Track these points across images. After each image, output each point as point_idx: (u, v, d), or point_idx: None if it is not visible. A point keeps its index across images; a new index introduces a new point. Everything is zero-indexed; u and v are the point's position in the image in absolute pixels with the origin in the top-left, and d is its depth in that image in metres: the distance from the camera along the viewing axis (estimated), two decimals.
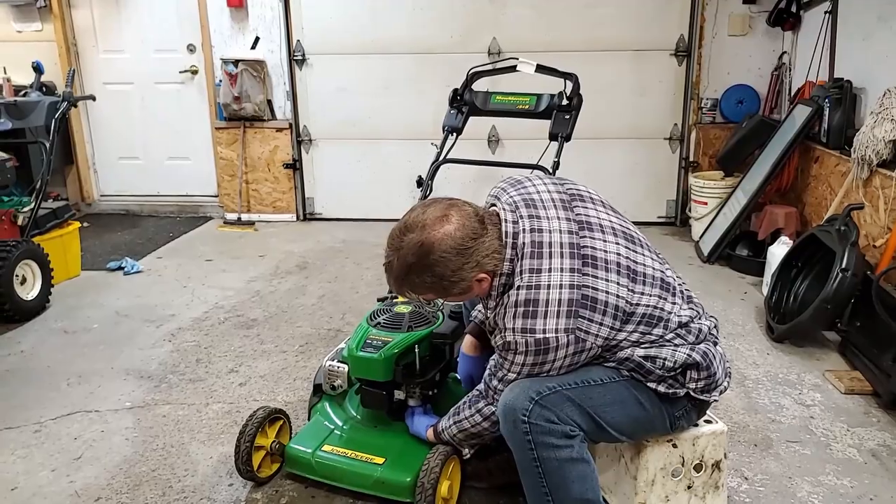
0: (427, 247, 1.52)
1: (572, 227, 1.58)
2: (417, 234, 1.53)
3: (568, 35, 4.82)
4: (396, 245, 1.56)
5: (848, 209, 3.00)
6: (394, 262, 1.57)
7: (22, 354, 3.06)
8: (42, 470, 2.22)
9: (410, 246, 1.53)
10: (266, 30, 5.05)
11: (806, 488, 2.10)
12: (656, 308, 1.58)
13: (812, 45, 4.11)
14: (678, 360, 1.58)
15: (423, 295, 1.62)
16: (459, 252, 1.52)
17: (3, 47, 5.29)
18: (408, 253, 1.53)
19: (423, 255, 1.52)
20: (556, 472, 1.50)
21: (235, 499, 2.06)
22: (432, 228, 1.52)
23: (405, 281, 1.58)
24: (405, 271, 1.55)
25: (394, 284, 1.62)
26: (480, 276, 1.56)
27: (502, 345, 1.55)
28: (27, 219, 3.60)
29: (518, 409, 1.50)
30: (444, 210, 1.56)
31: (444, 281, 1.55)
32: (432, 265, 1.52)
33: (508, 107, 2.90)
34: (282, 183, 5.30)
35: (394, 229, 1.59)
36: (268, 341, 3.16)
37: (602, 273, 1.53)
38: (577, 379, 1.56)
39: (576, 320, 1.48)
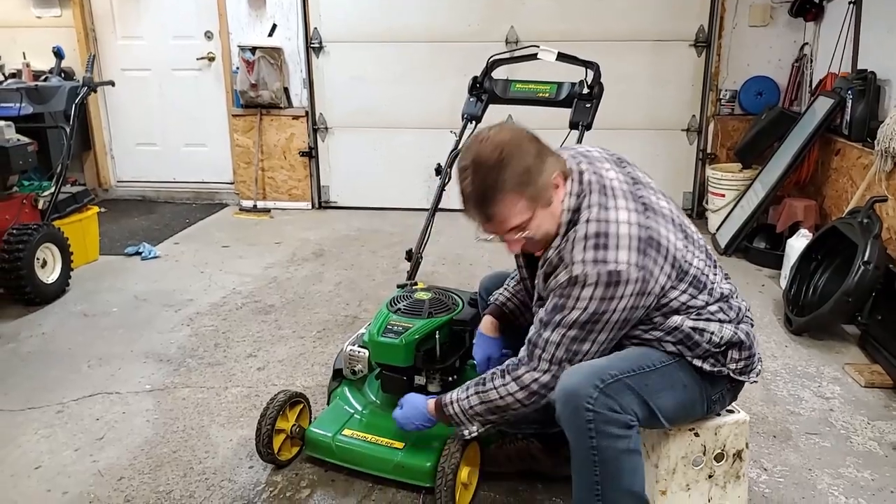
0: (501, 142, 1.48)
1: (628, 180, 1.61)
2: (488, 142, 1.50)
3: (586, 25, 4.78)
4: (471, 161, 1.51)
5: (871, 201, 2.97)
6: (475, 176, 1.50)
7: (43, 337, 3.10)
8: (65, 449, 2.25)
9: (484, 150, 1.49)
10: (283, 17, 5.05)
11: (826, 480, 2.09)
12: (703, 273, 1.58)
13: (835, 36, 4.06)
14: (724, 336, 1.59)
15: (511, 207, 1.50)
16: (531, 140, 1.51)
17: (23, 33, 5.31)
18: (485, 157, 1.48)
19: (499, 148, 1.47)
20: (612, 462, 1.47)
21: (256, 481, 2.08)
22: (498, 133, 1.51)
23: (492, 189, 1.48)
24: (491, 173, 1.47)
25: (478, 202, 1.52)
26: (556, 175, 1.53)
27: (567, 280, 1.49)
28: (48, 203, 3.63)
29: (582, 395, 1.46)
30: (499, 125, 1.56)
31: (530, 173, 1.48)
32: (513, 156, 1.47)
33: (529, 95, 2.88)
34: (297, 171, 5.31)
35: (460, 158, 1.56)
36: (285, 327, 3.18)
37: (662, 221, 1.54)
38: (634, 365, 1.54)
39: (645, 258, 1.47)
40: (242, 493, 2.02)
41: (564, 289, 1.51)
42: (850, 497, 2.01)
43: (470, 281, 3.70)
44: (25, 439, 2.31)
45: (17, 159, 3.44)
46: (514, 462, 2.06)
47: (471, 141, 1.55)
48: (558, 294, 1.53)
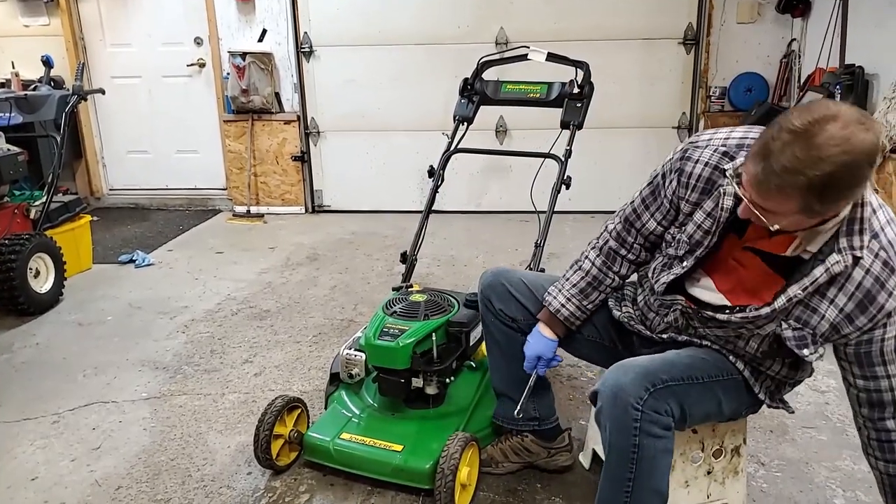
0: (850, 143, 1.19)
1: None
2: (843, 134, 1.19)
3: (576, 24, 4.80)
4: (809, 133, 1.21)
5: None
6: (798, 152, 1.21)
7: (37, 346, 3.08)
8: (62, 460, 2.24)
9: (829, 135, 1.19)
10: (273, 22, 5.05)
11: (823, 473, 2.10)
12: None
13: (822, 31, 4.09)
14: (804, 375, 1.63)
15: (784, 204, 1.27)
16: (871, 163, 1.22)
17: (11, 42, 5.30)
18: (828, 155, 1.19)
19: (845, 165, 1.19)
20: (649, 461, 1.46)
21: (255, 487, 2.07)
22: (858, 131, 1.20)
23: (794, 175, 1.22)
24: (807, 163, 1.20)
25: (774, 175, 1.24)
26: (848, 205, 1.32)
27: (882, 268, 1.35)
28: (39, 212, 3.61)
29: (633, 394, 1.43)
30: (863, 113, 1.25)
31: (837, 194, 1.25)
32: (843, 165, 1.20)
33: (519, 95, 2.89)
34: (290, 175, 5.31)
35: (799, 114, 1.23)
36: (281, 332, 3.17)
37: None
38: (683, 375, 1.51)
39: None
40: (241, 500, 2.02)
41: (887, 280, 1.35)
42: (848, 490, 2.02)
43: (465, 282, 3.71)
44: (21, 450, 2.30)
45: (8, 169, 3.42)
46: (511, 457, 2.07)
47: (830, 107, 1.23)
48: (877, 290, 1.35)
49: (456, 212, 5.12)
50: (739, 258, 1.53)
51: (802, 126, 1.21)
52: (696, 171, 1.52)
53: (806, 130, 1.21)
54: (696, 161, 1.52)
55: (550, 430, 2.05)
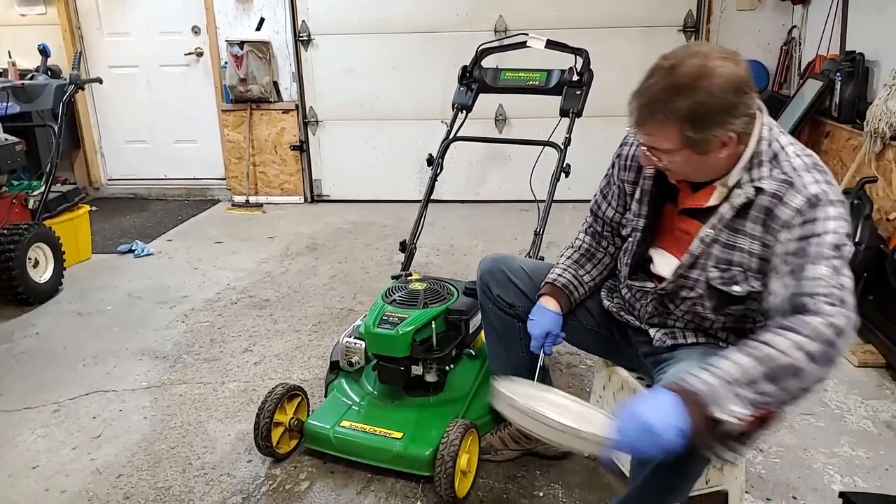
0: (710, 70, 1.34)
1: None
2: (699, 59, 1.35)
3: (575, 12, 4.77)
4: (666, 65, 1.38)
5: (861, 182, 2.98)
6: (657, 81, 1.38)
7: (37, 336, 3.09)
8: (63, 448, 2.25)
9: (690, 66, 1.35)
10: (271, 10, 5.02)
11: (821, 460, 2.11)
12: None
13: (823, 18, 4.07)
14: None
15: (664, 132, 1.39)
16: (737, 91, 1.35)
17: (7, 31, 5.26)
18: (684, 72, 1.35)
19: (700, 76, 1.34)
20: (692, 478, 1.45)
21: (255, 475, 2.08)
22: (717, 59, 1.35)
23: (665, 104, 1.36)
24: (670, 91, 1.35)
25: (645, 106, 1.40)
26: (731, 136, 1.38)
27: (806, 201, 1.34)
28: (38, 202, 3.61)
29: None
30: (729, 50, 1.39)
31: (707, 118, 1.35)
32: (706, 90, 1.33)
33: (518, 83, 2.88)
34: (289, 165, 5.29)
35: (663, 56, 1.40)
36: (281, 321, 3.18)
37: None
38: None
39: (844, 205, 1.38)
40: (242, 488, 2.03)
41: (806, 213, 1.34)
42: (846, 476, 2.03)
43: (464, 270, 3.71)
44: (22, 439, 2.31)
45: (6, 159, 3.42)
46: (511, 445, 2.08)
47: (694, 45, 1.42)
48: (801, 222, 1.35)
49: (455, 201, 5.12)
50: (681, 225, 1.60)
51: (667, 63, 1.38)
52: (629, 153, 1.72)
53: (671, 66, 1.37)
54: (630, 144, 1.73)
55: None
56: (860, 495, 1.86)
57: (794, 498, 1.95)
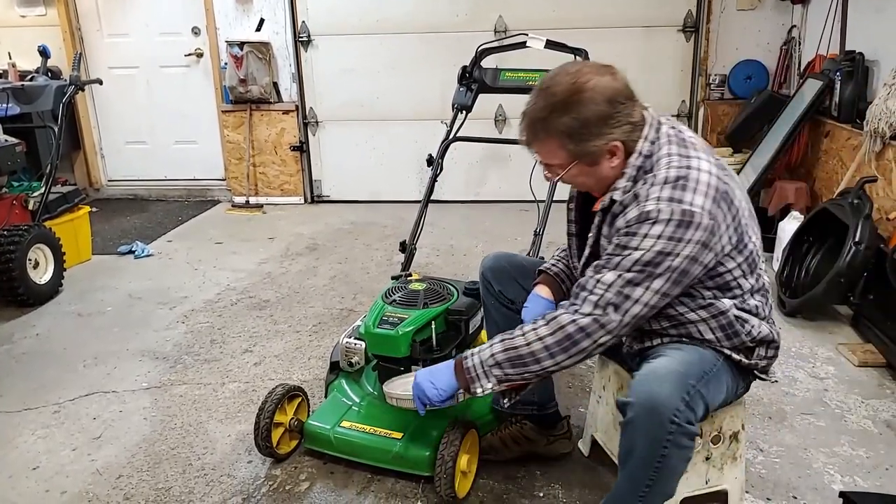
0: (580, 85, 1.44)
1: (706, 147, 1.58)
2: (571, 77, 1.46)
3: (575, 12, 4.78)
4: (544, 87, 1.49)
5: (861, 182, 2.98)
6: (537, 102, 1.49)
7: (38, 337, 3.09)
8: (63, 449, 2.25)
9: (561, 84, 1.46)
10: (271, 11, 5.02)
11: (821, 459, 2.11)
12: (757, 255, 1.57)
13: (822, 18, 4.07)
14: (762, 332, 1.59)
15: (553, 147, 1.50)
16: (610, 102, 1.45)
17: (7, 32, 5.27)
18: (557, 90, 1.46)
19: (573, 92, 1.44)
20: (672, 469, 1.45)
21: (255, 475, 2.08)
22: (589, 73, 1.46)
23: (544, 122, 1.48)
24: (548, 110, 1.47)
25: (528, 128, 1.52)
26: (616, 144, 1.48)
27: (637, 216, 1.44)
28: (38, 203, 3.61)
29: (670, 407, 1.39)
30: (604, 65, 1.50)
31: (584, 129, 1.45)
32: (579, 104, 1.44)
33: (518, 83, 2.88)
34: (289, 165, 5.29)
35: (542, 79, 1.52)
36: (281, 321, 3.18)
37: (736, 184, 1.52)
38: (701, 370, 1.50)
39: (718, 208, 1.44)
40: (242, 488, 2.03)
41: (632, 226, 1.45)
42: (846, 475, 2.03)
43: (464, 271, 3.71)
44: (22, 440, 2.31)
45: (6, 160, 3.42)
46: (511, 446, 2.08)
47: (561, 68, 1.51)
48: (624, 233, 1.47)
49: (455, 201, 5.12)
50: None
51: (544, 84, 1.49)
52: None
53: (546, 87, 1.48)
54: None
55: (549, 417, 2.06)
56: (860, 495, 1.87)
57: (795, 498, 1.95)
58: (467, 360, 1.62)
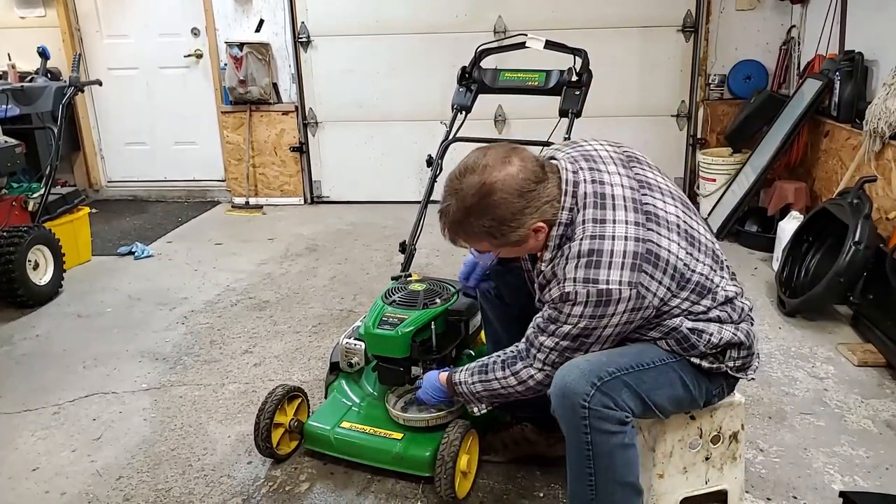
0: (488, 187, 1.46)
1: (633, 185, 1.55)
2: (478, 176, 1.48)
3: (574, 13, 4.77)
4: (455, 187, 1.51)
5: (861, 182, 2.98)
6: (451, 205, 1.51)
7: (37, 339, 3.09)
8: (63, 450, 2.25)
9: (470, 186, 1.48)
10: (270, 12, 5.02)
11: (821, 459, 2.11)
12: (707, 278, 1.55)
13: (822, 18, 4.07)
14: (724, 337, 1.57)
15: (478, 244, 1.58)
16: (521, 194, 1.47)
17: (7, 34, 5.26)
18: (467, 194, 1.48)
19: (483, 195, 1.47)
20: (606, 457, 1.48)
21: (255, 476, 2.08)
22: (493, 169, 1.48)
23: (462, 225, 1.52)
24: (464, 214, 1.50)
25: (449, 230, 1.56)
26: (538, 224, 1.50)
27: (559, 296, 1.49)
28: (38, 204, 3.61)
29: (579, 393, 1.45)
30: (506, 153, 1.51)
31: (503, 226, 1.49)
32: (492, 207, 1.47)
33: (518, 83, 2.87)
34: (289, 166, 5.29)
35: (452, 174, 1.54)
36: (281, 322, 3.18)
37: (664, 231, 1.50)
38: (632, 363, 1.53)
39: (639, 274, 1.45)
40: (242, 489, 2.03)
41: (556, 304, 1.52)
42: (846, 475, 2.03)
43: None
44: (22, 441, 2.31)
45: (5, 161, 3.42)
46: (511, 447, 2.08)
47: (466, 164, 1.52)
48: (551, 307, 1.54)
49: None
50: None
51: (453, 185, 1.52)
52: None
53: (456, 189, 1.51)
54: None
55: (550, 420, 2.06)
56: (860, 494, 1.87)
57: (795, 497, 1.95)
58: (458, 387, 1.80)
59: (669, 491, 1.77)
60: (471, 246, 1.63)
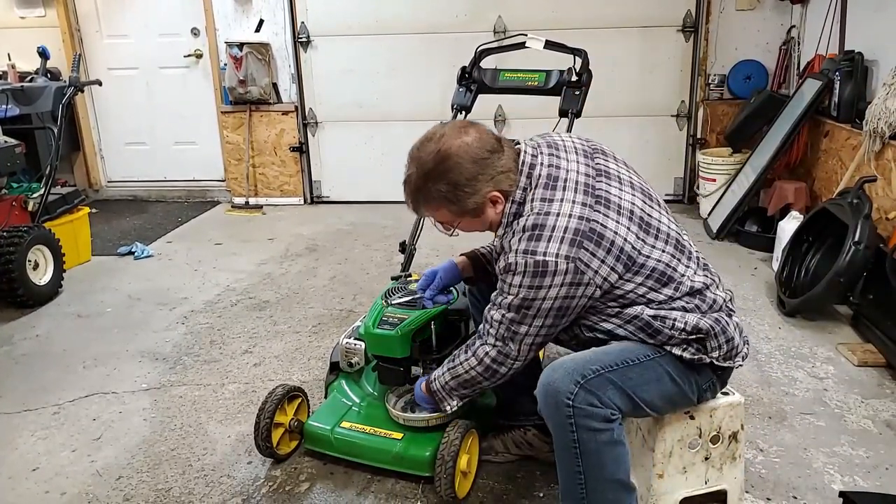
0: (444, 153, 1.56)
1: (590, 172, 1.62)
2: (435, 144, 1.58)
3: (574, 12, 4.77)
4: (415, 155, 1.61)
5: (860, 182, 2.98)
6: (412, 173, 1.61)
7: (37, 339, 3.09)
8: (63, 450, 2.25)
9: (428, 153, 1.58)
10: (270, 12, 5.02)
11: (821, 459, 2.11)
12: (668, 266, 1.57)
13: (821, 18, 4.07)
14: (688, 322, 1.57)
15: (438, 210, 1.65)
16: (475, 161, 1.56)
17: (7, 34, 5.26)
18: (426, 161, 1.58)
19: (440, 160, 1.56)
20: (594, 454, 1.49)
21: (255, 476, 2.08)
22: (450, 138, 1.58)
23: (422, 192, 1.61)
24: (423, 180, 1.59)
25: (410, 198, 1.66)
26: (494, 194, 1.59)
27: (504, 266, 1.57)
28: (38, 204, 3.61)
29: (563, 391, 1.48)
30: (463, 125, 1.62)
31: (458, 191, 1.57)
32: (448, 171, 1.56)
33: (518, 83, 2.88)
34: (288, 166, 5.29)
35: (413, 145, 1.64)
36: (281, 322, 3.18)
37: (613, 214, 1.55)
38: (617, 360, 1.54)
39: (578, 250, 1.49)
40: (242, 489, 2.03)
41: (503, 275, 1.58)
42: (846, 475, 2.03)
43: None
44: (22, 441, 2.31)
45: (5, 161, 3.42)
46: (512, 449, 2.08)
47: (426, 134, 1.62)
48: (500, 278, 1.60)
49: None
50: None
51: (413, 153, 1.62)
52: None
53: (416, 156, 1.61)
54: None
55: None
56: (860, 494, 1.87)
57: (795, 497, 1.95)
58: (433, 383, 1.87)
59: (669, 491, 1.77)
60: (432, 216, 1.68)
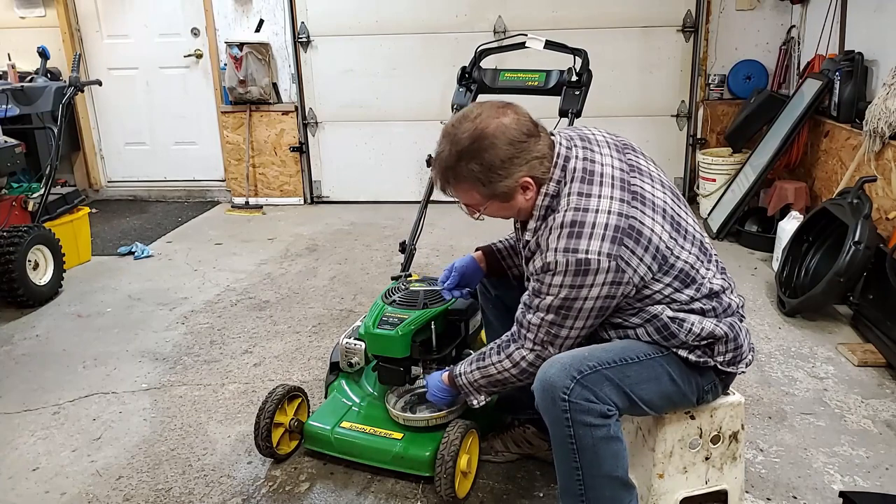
0: (480, 131, 1.51)
1: (624, 167, 1.58)
2: (472, 123, 1.53)
3: (574, 13, 4.78)
4: (450, 132, 1.55)
5: (860, 182, 2.98)
6: (445, 150, 1.56)
7: (37, 339, 3.09)
8: (63, 450, 2.25)
9: (464, 131, 1.52)
10: (270, 12, 5.02)
11: (821, 459, 2.11)
12: (693, 268, 1.57)
13: (822, 18, 4.07)
14: (705, 328, 1.56)
15: (467, 192, 1.59)
16: (511, 143, 1.52)
17: (7, 34, 5.26)
18: (461, 138, 1.52)
19: (475, 139, 1.51)
20: (590, 450, 1.49)
21: (255, 476, 2.08)
22: (489, 118, 1.53)
23: (453, 170, 1.56)
24: (455, 158, 1.54)
25: (440, 176, 1.60)
26: (526, 180, 1.54)
27: (541, 266, 1.52)
28: (38, 204, 3.61)
29: (559, 387, 1.47)
30: (502, 105, 1.56)
31: (492, 173, 1.52)
32: (483, 151, 1.51)
33: (518, 83, 2.87)
34: (289, 166, 5.29)
35: (448, 122, 1.59)
36: (281, 322, 3.18)
37: (649, 212, 1.52)
38: (616, 357, 1.54)
39: (620, 247, 1.47)
40: (242, 489, 2.03)
41: (539, 274, 1.54)
42: (846, 475, 2.03)
43: None
44: (22, 441, 2.31)
45: (5, 161, 3.42)
46: (512, 448, 2.08)
47: (463, 112, 1.57)
48: (535, 279, 1.56)
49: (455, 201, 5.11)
50: None
51: (449, 130, 1.55)
52: None
53: (451, 133, 1.54)
54: None
55: None
56: (860, 495, 1.87)
57: (795, 497, 1.95)
58: (457, 379, 1.82)
59: (669, 491, 1.77)
60: (460, 197, 1.63)
